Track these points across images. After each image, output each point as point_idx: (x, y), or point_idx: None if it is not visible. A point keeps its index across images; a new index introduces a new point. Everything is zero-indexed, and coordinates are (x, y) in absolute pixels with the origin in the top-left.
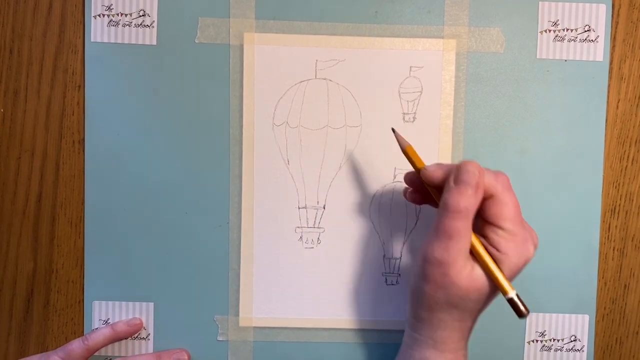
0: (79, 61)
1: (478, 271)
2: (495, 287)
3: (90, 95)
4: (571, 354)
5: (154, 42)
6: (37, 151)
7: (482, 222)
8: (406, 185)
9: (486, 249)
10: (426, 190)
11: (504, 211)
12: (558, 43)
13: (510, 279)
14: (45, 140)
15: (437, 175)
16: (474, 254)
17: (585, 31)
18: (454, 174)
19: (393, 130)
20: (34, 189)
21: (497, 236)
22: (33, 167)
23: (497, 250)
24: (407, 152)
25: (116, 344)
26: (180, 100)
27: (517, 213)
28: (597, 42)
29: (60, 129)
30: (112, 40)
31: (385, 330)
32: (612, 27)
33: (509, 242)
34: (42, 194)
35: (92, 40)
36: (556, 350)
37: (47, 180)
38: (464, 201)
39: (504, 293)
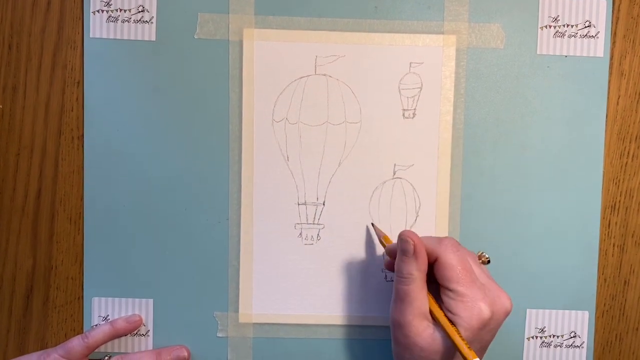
0: (77, 57)
1: (438, 334)
2: (457, 351)
3: (89, 92)
4: (571, 350)
5: (153, 38)
6: (36, 147)
7: (439, 287)
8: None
9: (444, 312)
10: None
11: (448, 273)
12: (558, 39)
13: (471, 339)
14: (44, 137)
15: (394, 247)
16: (434, 318)
17: (586, 27)
18: (398, 245)
19: (372, 224)
20: (33, 185)
21: (447, 298)
22: (32, 163)
23: (450, 312)
24: (383, 242)
25: (116, 340)
26: (179, 97)
27: (464, 273)
28: (598, 37)
29: (60, 125)
30: (111, 36)
31: (386, 327)
32: (612, 22)
33: (458, 303)
34: (41, 190)
35: (91, 36)
36: (556, 346)
37: (46, 176)
38: (407, 267)
39: (464, 357)
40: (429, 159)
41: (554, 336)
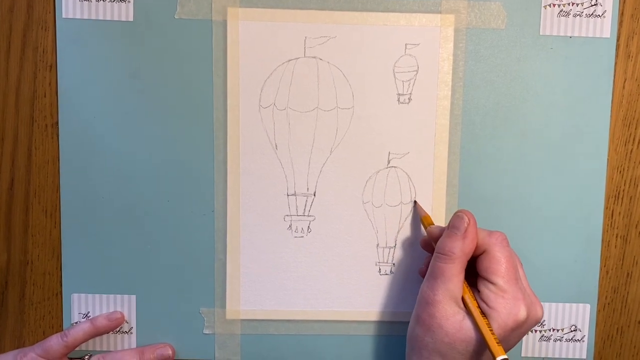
0: (49, 39)
1: (468, 323)
2: (484, 346)
3: (63, 76)
4: (571, 344)
5: (131, 18)
6: (7, 136)
7: (477, 277)
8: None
9: (478, 304)
10: None
11: (494, 266)
12: (562, 18)
13: (501, 338)
14: (15, 124)
15: (440, 232)
16: (466, 306)
17: (592, 5)
18: (449, 221)
19: (415, 202)
20: (5, 176)
21: (487, 290)
22: (3, 153)
23: (487, 304)
24: (424, 221)
25: (97, 338)
26: (160, 81)
27: (510, 270)
28: (604, 17)
29: (32, 112)
30: (85, 17)
31: (378, 322)
32: (619, 1)
33: (498, 297)
34: (14, 181)
35: (63, 16)
36: (555, 340)
37: (19, 167)
38: (450, 244)
39: (492, 353)
40: (425, 146)
41: (553, 330)
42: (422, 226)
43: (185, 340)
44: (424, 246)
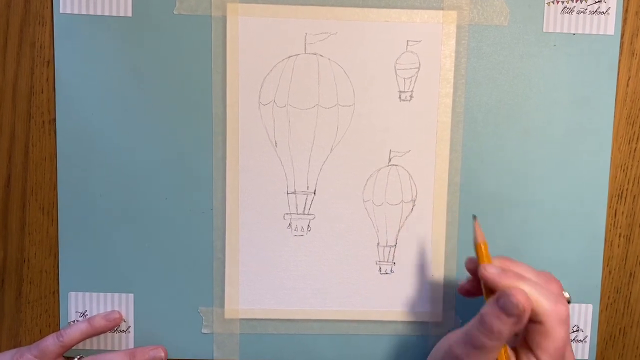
0: (47, 34)
1: None
2: None
3: (60, 72)
4: (573, 344)
5: (129, 14)
6: (3, 132)
7: (521, 340)
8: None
9: None
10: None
11: (546, 344)
12: (566, 15)
13: None
14: (12, 121)
15: (494, 280)
16: None
17: (596, 2)
18: (500, 294)
19: (474, 217)
20: (1, 173)
21: None
22: (0, 149)
23: None
24: (477, 248)
25: (94, 337)
26: (158, 77)
27: (560, 350)
28: (608, 14)
29: (29, 108)
30: (84, 12)
31: (379, 322)
32: None
33: None
34: (11, 178)
35: (61, 11)
36: None
37: (16, 163)
38: (500, 326)
39: None
40: (427, 144)
41: None
42: (478, 258)
43: (183, 340)
44: (471, 271)
